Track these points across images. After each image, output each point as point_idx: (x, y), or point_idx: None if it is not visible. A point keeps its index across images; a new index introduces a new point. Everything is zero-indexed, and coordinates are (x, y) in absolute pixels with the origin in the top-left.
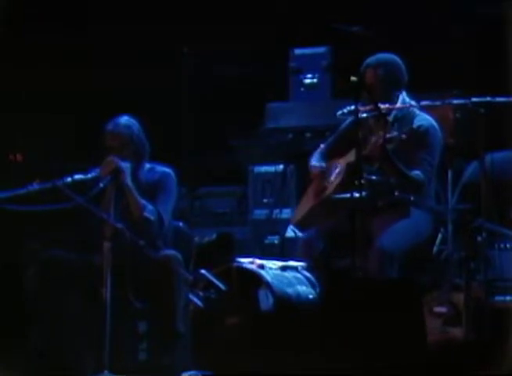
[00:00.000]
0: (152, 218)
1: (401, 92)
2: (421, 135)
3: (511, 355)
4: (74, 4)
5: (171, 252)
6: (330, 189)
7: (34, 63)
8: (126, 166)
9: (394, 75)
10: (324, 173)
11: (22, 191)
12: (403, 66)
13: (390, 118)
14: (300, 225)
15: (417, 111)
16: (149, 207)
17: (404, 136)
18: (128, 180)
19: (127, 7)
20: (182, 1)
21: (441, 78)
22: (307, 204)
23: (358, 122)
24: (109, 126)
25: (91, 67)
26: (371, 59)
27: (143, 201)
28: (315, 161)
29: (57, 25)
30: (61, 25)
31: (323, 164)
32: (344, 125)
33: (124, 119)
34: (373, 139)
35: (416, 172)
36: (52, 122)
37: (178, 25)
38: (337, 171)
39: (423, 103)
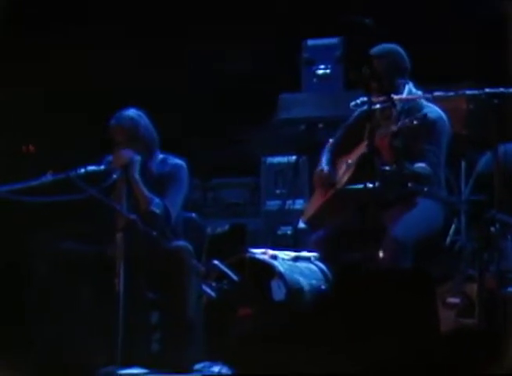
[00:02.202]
0: (157, 211)
1: (406, 82)
2: (428, 127)
3: None
4: (74, 4)
5: (182, 243)
6: (342, 182)
7: (33, 62)
8: (136, 159)
9: (396, 64)
10: (329, 177)
11: (35, 182)
12: (405, 55)
13: (397, 110)
14: (312, 223)
15: (424, 102)
16: (156, 200)
17: (413, 126)
18: (136, 173)
19: (127, 7)
20: None
21: (454, 69)
22: (317, 200)
23: (369, 113)
24: (114, 120)
25: (94, 66)
26: (373, 50)
27: (150, 194)
28: (323, 164)
29: (57, 25)
30: (61, 25)
31: (327, 168)
32: (351, 118)
33: (129, 112)
34: (381, 131)
35: (422, 165)
36: (63, 117)
37: (187, 18)
38: (347, 164)
39: (437, 93)
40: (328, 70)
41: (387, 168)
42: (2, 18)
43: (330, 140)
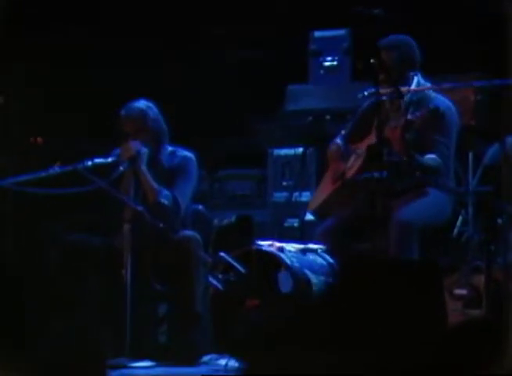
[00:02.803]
0: (166, 203)
1: (415, 74)
2: (438, 118)
3: None
4: (74, 4)
5: (190, 233)
6: (351, 172)
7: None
8: (143, 151)
9: (407, 56)
10: (342, 155)
11: (43, 174)
12: (416, 47)
13: (405, 101)
14: (318, 212)
15: (433, 94)
16: (165, 192)
17: (422, 117)
18: (143, 165)
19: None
20: None
21: (462, 60)
22: (325, 189)
23: (378, 104)
24: (123, 111)
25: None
26: (383, 41)
27: (158, 186)
28: (337, 139)
29: (57, 25)
30: (61, 25)
31: (341, 144)
32: (361, 109)
33: (139, 103)
34: (392, 123)
35: (432, 156)
36: (69, 111)
37: (190, 11)
38: (356, 155)
39: (445, 85)
40: (335, 62)
41: (395, 158)
42: (2, 18)
43: (342, 131)
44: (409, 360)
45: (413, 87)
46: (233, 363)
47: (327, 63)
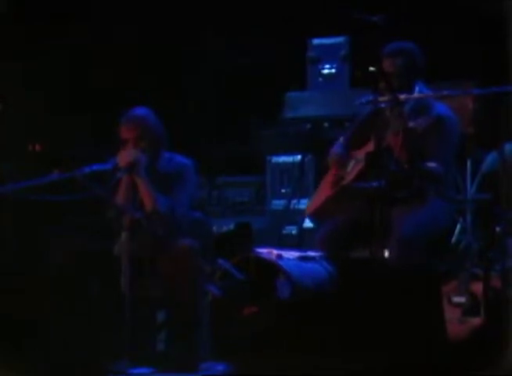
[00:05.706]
0: (163, 210)
1: (418, 82)
2: (439, 126)
3: None
4: (74, 3)
5: (188, 241)
6: (349, 178)
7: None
8: (142, 158)
9: (412, 64)
10: (342, 162)
11: (42, 181)
12: (421, 55)
13: (406, 109)
14: (315, 216)
15: (435, 101)
16: (162, 199)
17: (423, 125)
18: (142, 172)
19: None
20: None
21: (461, 68)
22: (323, 194)
23: (376, 112)
24: (124, 118)
25: (96, 65)
26: (389, 48)
27: (156, 194)
28: (335, 150)
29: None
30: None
31: (343, 152)
32: (362, 116)
33: (139, 111)
34: (392, 130)
35: (433, 164)
36: (68, 116)
37: (189, 17)
38: (355, 161)
39: (445, 92)
40: (333, 70)
41: (395, 166)
42: (2, 17)
43: (341, 138)
44: (408, 364)
45: (414, 94)
46: (231, 370)
47: (326, 71)
